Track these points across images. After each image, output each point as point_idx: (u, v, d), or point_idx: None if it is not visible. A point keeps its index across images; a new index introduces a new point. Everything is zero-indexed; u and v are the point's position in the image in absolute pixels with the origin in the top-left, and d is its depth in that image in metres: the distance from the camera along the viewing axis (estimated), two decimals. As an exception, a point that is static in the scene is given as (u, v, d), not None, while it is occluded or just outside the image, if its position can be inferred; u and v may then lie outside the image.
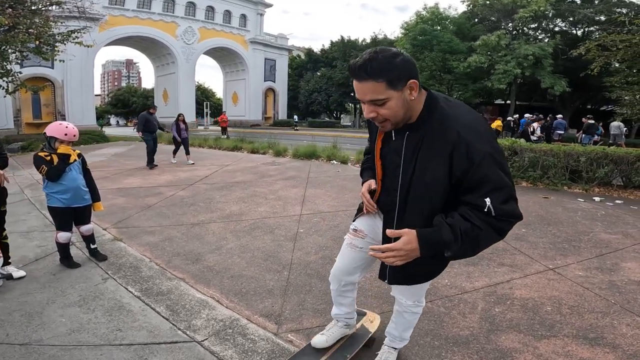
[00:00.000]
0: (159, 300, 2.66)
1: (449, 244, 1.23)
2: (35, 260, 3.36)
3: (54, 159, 2.99)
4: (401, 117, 1.28)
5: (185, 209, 5.04)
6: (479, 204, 1.21)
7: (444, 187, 1.29)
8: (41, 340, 2.18)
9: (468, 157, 1.20)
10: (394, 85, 1.20)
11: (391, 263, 1.31)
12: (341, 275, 1.80)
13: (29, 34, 11.73)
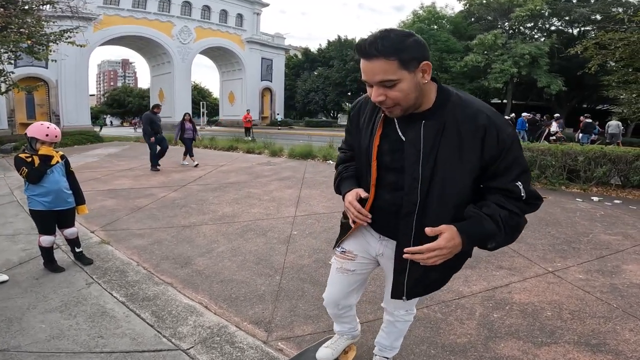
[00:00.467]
0: (145, 306, 2.55)
1: (494, 235, 1.16)
2: (19, 264, 3.25)
3: (35, 160, 2.87)
4: (413, 101, 1.17)
5: (177, 210, 4.93)
6: (512, 189, 1.17)
7: (472, 176, 1.21)
8: (19, 346, 2.09)
9: (500, 141, 1.15)
10: (406, 66, 1.11)
11: (432, 263, 1.19)
12: (337, 301, 1.69)
13: (21, 34, 11.59)
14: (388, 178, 1.32)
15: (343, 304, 1.69)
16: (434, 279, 1.41)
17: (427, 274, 1.35)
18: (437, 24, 26.64)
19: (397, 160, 1.27)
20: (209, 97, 54.99)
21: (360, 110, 1.42)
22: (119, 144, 15.28)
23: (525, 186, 1.18)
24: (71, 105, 23.97)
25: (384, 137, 1.30)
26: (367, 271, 1.62)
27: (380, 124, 1.30)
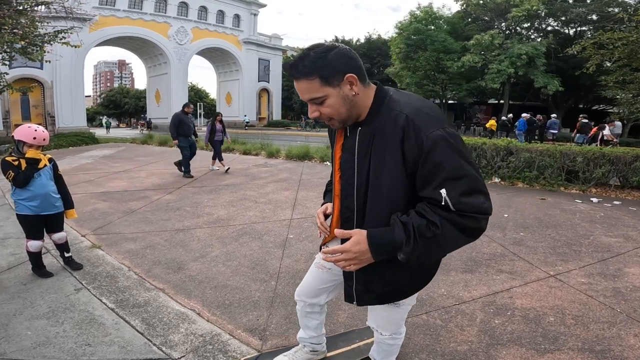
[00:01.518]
0: (135, 313, 2.47)
1: (400, 245, 1.08)
2: (7, 268, 3.16)
3: (22, 164, 2.78)
4: (345, 114, 1.17)
5: (171, 213, 4.84)
6: (434, 196, 1.08)
7: (402, 182, 1.15)
8: (4, 353, 2.03)
9: (418, 142, 1.08)
10: (329, 82, 1.11)
11: (343, 267, 1.17)
12: (304, 295, 1.66)
13: (15, 34, 11.47)
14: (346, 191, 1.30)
15: (310, 301, 1.66)
16: (381, 290, 1.31)
17: (374, 280, 1.29)
18: (434, 24, 26.59)
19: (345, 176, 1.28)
20: (206, 98, 54.84)
21: None
22: (114, 145, 15.15)
23: (452, 194, 1.06)
24: (66, 106, 23.81)
25: (343, 148, 1.28)
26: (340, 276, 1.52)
27: (339, 134, 1.31)
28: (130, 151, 12.76)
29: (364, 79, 1.17)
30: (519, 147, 7.04)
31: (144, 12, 29.85)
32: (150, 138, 16.26)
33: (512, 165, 6.89)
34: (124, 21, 28.81)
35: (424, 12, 26.28)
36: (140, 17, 29.74)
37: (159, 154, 11.60)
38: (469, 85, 25.83)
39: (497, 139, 10.05)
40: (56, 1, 13.95)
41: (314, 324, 1.75)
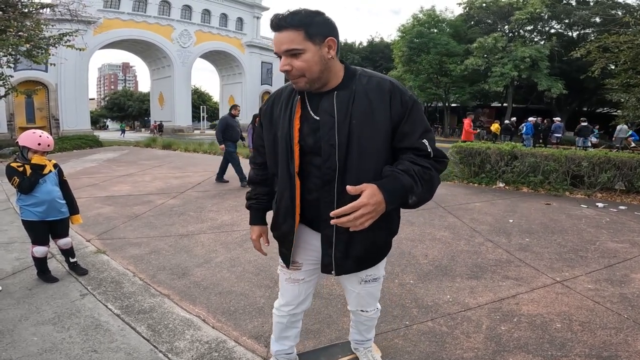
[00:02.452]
0: (140, 319, 2.47)
1: (411, 188, 1.19)
2: (12, 273, 3.17)
3: (27, 169, 2.79)
4: (317, 74, 1.24)
5: (175, 218, 4.85)
6: (419, 146, 1.26)
7: (384, 137, 1.28)
8: (10, 359, 2.01)
9: (402, 102, 1.27)
10: (311, 38, 1.20)
11: (359, 225, 1.13)
12: (291, 304, 1.65)
13: (20, 37, 11.54)
14: (315, 162, 1.33)
15: (299, 309, 1.66)
16: (363, 249, 1.39)
17: (354, 243, 1.36)
18: (437, 27, 26.62)
19: (318, 140, 1.30)
20: (209, 101, 55.06)
21: (274, 102, 1.45)
22: (118, 149, 15.22)
23: (430, 144, 1.28)
24: (71, 109, 23.93)
25: (303, 120, 1.33)
26: (315, 276, 1.62)
27: (298, 106, 1.34)
28: (134, 155, 12.81)
29: (338, 51, 1.28)
30: (523, 152, 7.01)
31: (147, 15, 30.03)
32: (154, 141, 16.30)
33: (516, 169, 6.86)
34: (128, 24, 28.99)
35: (426, 15, 26.31)
36: (144, 20, 29.92)
37: (163, 158, 11.64)
38: (472, 89, 25.80)
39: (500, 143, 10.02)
40: (61, 4, 14.07)
41: (294, 333, 1.75)
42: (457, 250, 3.70)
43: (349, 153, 1.26)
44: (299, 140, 1.32)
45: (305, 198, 1.39)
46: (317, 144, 1.30)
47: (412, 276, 3.10)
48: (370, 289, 1.59)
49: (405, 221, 4.64)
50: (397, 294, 2.79)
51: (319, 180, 1.33)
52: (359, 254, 1.39)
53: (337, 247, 1.37)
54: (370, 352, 1.89)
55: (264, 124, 1.47)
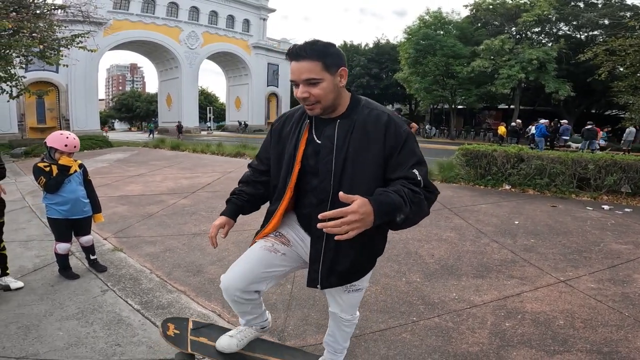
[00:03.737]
0: (160, 314, 2.58)
1: (400, 207, 1.24)
2: (33, 270, 3.30)
3: (53, 170, 2.93)
4: (331, 101, 1.37)
5: (187, 218, 4.98)
6: (410, 175, 1.33)
7: (377, 165, 1.38)
8: (38, 354, 2.11)
9: (397, 135, 1.37)
10: (328, 68, 1.33)
11: (344, 232, 1.15)
12: (240, 283, 1.55)
13: (33, 38, 11.74)
14: (312, 183, 1.47)
15: (251, 287, 1.56)
16: (347, 267, 1.49)
17: (340, 261, 1.46)
18: (443, 29, 26.59)
19: (317, 163, 1.43)
20: (216, 102, 55.38)
21: (285, 122, 1.58)
22: (127, 149, 15.43)
23: (421, 173, 1.34)
24: (81, 109, 24.26)
25: (309, 143, 1.47)
26: (292, 264, 1.64)
27: (306, 130, 1.48)
28: (144, 155, 13.00)
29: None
30: (530, 154, 7.06)
31: (156, 16, 30.36)
32: (162, 142, 16.50)
33: (522, 172, 6.91)
34: (137, 25, 29.34)
35: (433, 17, 26.29)
36: (153, 22, 30.26)
37: (172, 158, 11.81)
38: (478, 91, 25.69)
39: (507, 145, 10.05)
40: (74, 5, 14.30)
41: (250, 307, 1.67)
42: (462, 250, 3.78)
43: (343, 177, 1.39)
44: (302, 160, 1.47)
45: (301, 212, 1.56)
46: (317, 166, 1.43)
47: (418, 275, 3.20)
48: (352, 298, 1.65)
49: (412, 222, 4.74)
50: (404, 291, 2.89)
51: (314, 199, 1.46)
52: (343, 270, 1.49)
53: (323, 263, 1.47)
54: None
55: (273, 139, 1.60)
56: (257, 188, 1.68)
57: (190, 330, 1.81)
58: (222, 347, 1.76)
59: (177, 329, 1.80)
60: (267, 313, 1.89)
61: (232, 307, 1.68)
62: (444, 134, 30.70)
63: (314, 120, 1.48)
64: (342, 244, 1.32)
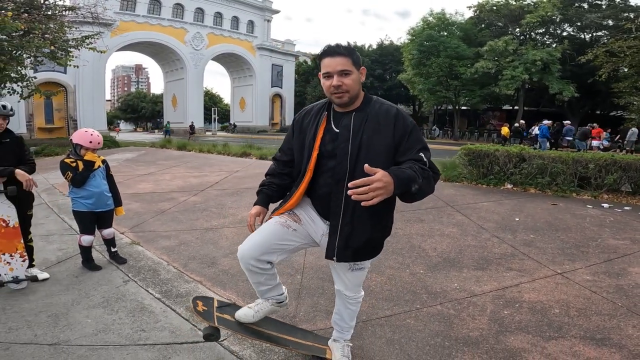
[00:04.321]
0: (179, 302, 2.75)
1: (415, 178, 1.44)
2: (57, 262, 3.49)
3: (79, 165, 3.13)
4: (355, 91, 1.63)
5: (198, 214, 5.16)
6: (417, 158, 1.55)
7: (388, 150, 1.61)
8: (69, 340, 2.25)
9: (404, 126, 1.62)
10: (355, 64, 1.62)
11: (370, 198, 1.32)
12: (254, 252, 1.72)
13: (45, 39, 11.92)
14: (329, 164, 1.68)
15: (264, 257, 1.73)
16: (362, 242, 1.68)
17: (355, 235, 1.66)
18: (447, 30, 26.69)
19: (335, 148, 1.66)
20: (220, 103, 55.72)
21: (305, 115, 1.82)
22: (135, 149, 15.66)
23: (426, 156, 1.58)
24: (88, 110, 24.58)
25: (326, 132, 1.70)
26: (301, 241, 1.81)
27: (324, 120, 1.71)
28: (152, 155, 13.21)
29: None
30: (531, 154, 7.18)
31: (162, 17, 30.70)
32: (169, 142, 16.73)
33: (524, 171, 7.03)
34: (143, 26, 29.67)
35: (436, 18, 26.39)
36: (159, 23, 30.59)
37: (179, 158, 12.01)
38: (482, 92, 25.76)
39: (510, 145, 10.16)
40: (84, 6, 14.51)
41: (265, 277, 1.82)
42: (464, 244, 3.94)
43: (358, 160, 1.59)
44: (320, 146, 1.69)
45: (317, 193, 1.74)
46: (334, 151, 1.65)
47: (422, 267, 3.36)
48: (356, 276, 1.85)
49: (416, 219, 4.89)
50: (409, 282, 3.06)
51: (331, 179, 1.67)
52: (357, 246, 1.68)
53: (340, 237, 1.67)
54: (348, 347, 2.01)
55: (295, 131, 1.82)
56: (283, 179, 1.87)
57: (215, 308, 1.98)
58: (239, 317, 1.94)
59: (205, 306, 1.97)
60: (284, 288, 2.04)
61: (248, 277, 1.85)
62: (448, 135, 30.78)
63: (332, 113, 1.72)
64: (358, 220, 1.63)
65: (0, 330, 2.33)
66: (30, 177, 2.83)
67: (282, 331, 2.11)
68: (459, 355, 2.10)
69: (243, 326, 1.94)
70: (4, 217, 2.82)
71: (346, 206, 1.63)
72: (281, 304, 2.03)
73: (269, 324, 2.09)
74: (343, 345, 2.01)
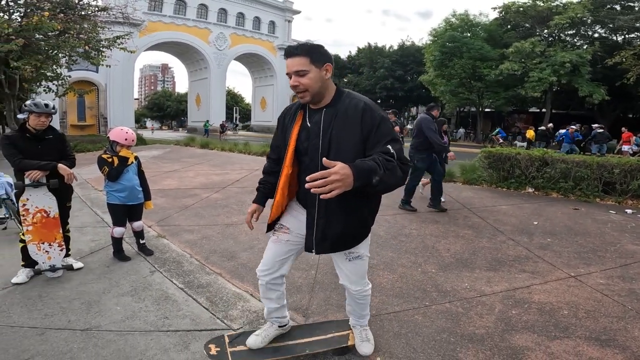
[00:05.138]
0: (200, 292, 2.93)
1: (375, 170, 1.46)
2: (90, 253, 3.74)
3: (114, 161, 3.39)
4: (317, 90, 1.69)
5: (220, 210, 5.38)
6: (384, 150, 1.58)
7: (357, 144, 1.67)
8: (100, 326, 2.43)
9: (372, 119, 1.66)
10: (315, 62, 1.66)
11: (329, 190, 1.35)
12: (268, 270, 1.98)
13: (79, 39, 12.46)
14: (305, 162, 1.77)
15: (276, 274, 1.97)
16: (338, 233, 1.76)
17: (331, 227, 1.75)
18: (470, 31, 26.22)
19: (309, 144, 1.74)
20: (242, 102, 56.58)
21: (286, 114, 1.93)
22: (160, 147, 16.19)
23: (394, 148, 1.59)
24: (118, 108, 25.49)
25: (302, 129, 1.79)
26: (297, 246, 1.96)
27: (299, 118, 1.81)
28: (176, 153, 13.66)
29: (332, 75, 1.74)
30: (554, 158, 7.08)
31: (187, 18, 31.51)
32: (193, 141, 17.21)
33: (547, 175, 6.94)
34: (169, 27, 30.53)
35: (459, 19, 25.99)
36: (184, 23, 31.42)
37: (202, 156, 12.39)
38: (507, 94, 25.17)
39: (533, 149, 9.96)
40: (116, 7, 15.06)
41: (276, 295, 2.05)
42: (478, 246, 3.98)
43: (329, 154, 1.65)
44: (297, 143, 1.78)
45: (301, 189, 1.84)
46: (308, 147, 1.74)
47: (433, 266, 3.44)
48: (355, 266, 1.92)
49: (431, 220, 4.95)
50: (419, 280, 3.14)
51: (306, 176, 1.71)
52: (334, 236, 1.76)
53: (317, 229, 1.76)
54: (366, 330, 2.17)
55: (279, 129, 1.95)
56: (277, 177, 1.94)
57: (228, 344, 2.15)
58: (250, 345, 2.11)
59: (217, 347, 2.13)
60: (287, 312, 2.21)
61: (262, 295, 2.09)
62: (470, 138, 30.16)
63: (307, 110, 1.80)
64: (332, 212, 1.71)
65: (37, 316, 2.53)
66: (72, 171, 3.09)
67: (301, 336, 2.24)
68: (463, 351, 2.18)
69: (257, 351, 2.10)
70: (45, 208, 3.08)
71: (320, 200, 1.61)
72: (284, 327, 2.20)
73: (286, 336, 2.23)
74: (361, 330, 2.15)
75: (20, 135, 3.01)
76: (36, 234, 3.07)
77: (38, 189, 3.04)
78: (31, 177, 2.95)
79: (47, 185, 3.04)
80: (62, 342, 2.24)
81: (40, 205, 3.06)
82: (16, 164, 2.93)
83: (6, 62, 11.11)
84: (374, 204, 1.87)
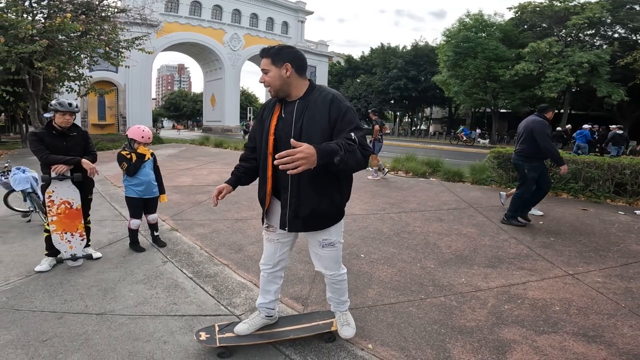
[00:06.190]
0: (207, 281, 3.11)
1: (337, 151, 1.64)
2: (108, 244, 3.97)
3: (133, 157, 3.62)
4: (278, 87, 1.91)
5: (230, 206, 5.57)
6: (348, 136, 1.76)
7: (325, 130, 1.84)
8: (114, 310, 2.63)
9: (338, 108, 1.85)
10: (276, 63, 1.89)
11: (294, 167, 1.53)
12: (269, 264, 2.18)
13: (100, 40, 12.88)
14: (281, 148, 1.82)
15: (275, 268, 2.19)
16: (308, 212, 1.91)
17: (302, 206, 1.90)
18: (485, 31, 25.89)
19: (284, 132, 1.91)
20: (256, 103, 57.00)
21: (265, 108, 2.09)
22: (176, 146, 16.58)
23: (356, 135, 1.77)
24: (136, 108, 26.13)
25: (279, 119, 1.96)
26: (289, 239, 2.15)
27: (276, 110, 1.99)
28: (191, 151, 13.99)
29: (301, 73, 1.93)
30: (565, 158, 7.02)
31: (202, 19, 32.05)
32: (207, 140, 17.55)
33: (556, 176, 6.91)
34: (185, 27, 31.10)
35: (473, 19, 25.71)
36: (199, 24, 31.95)
37: (215, 155, 12.67)
38: (523, 94, 24.78)
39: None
40: (133, 8, 15.47)
41: (274, 288, 2.25)
42: (480, 244, 4.06)
43: (300, 140, 1.72)
44: (275, 132, 1.94)
45: (275, 174, 1.95)
46: (283, 135, 1.90)
47: (433, 262, 3.54)
48: (328, 252, 2.08)
49: (436, 218, 5.03)
50: (417, 274, 3.25)
51: None
52: (305, 216, 1.92)
53: (289, 208, 1.92)
54: (346, 315, 2.31)
55: (258, 121, 2.11)
56: (251, 162, 2.15)
57: (217, 332, 2.28)
58: (237, 332, 2.24)
59: (207, 334, 2.26)
60: (277, 306, 2.36)
61: (262, 285, 2.26)
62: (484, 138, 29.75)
63: (283, 103, 1.99)
64: (304, 193, 1.88)
65: (57, 301, 2.74)
66: (94, 166, 3.32)
67: (287, 324, 2.37)
68: (452, 342, 2.28)
69: (244, 337, 2.23)
70: (69, 200, 3.31)
71: (292, 182, 1.87)
72: (271, 317, 2.32)
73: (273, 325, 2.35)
74: (340, 315, 2.30)
75: (47, 132, 3.25)
76: (60, 224, 3.30)
77: (63, 181, 3.28)
78: (57, 170, 3.19)
79: (71, 178, 3.28)
80: (79, 325, 2.43)
81: (64, 197, 3.30)
82: (43, 159, 3.17)
83: (30, 63, 11.55)
84: (345, 187, 2.02)
